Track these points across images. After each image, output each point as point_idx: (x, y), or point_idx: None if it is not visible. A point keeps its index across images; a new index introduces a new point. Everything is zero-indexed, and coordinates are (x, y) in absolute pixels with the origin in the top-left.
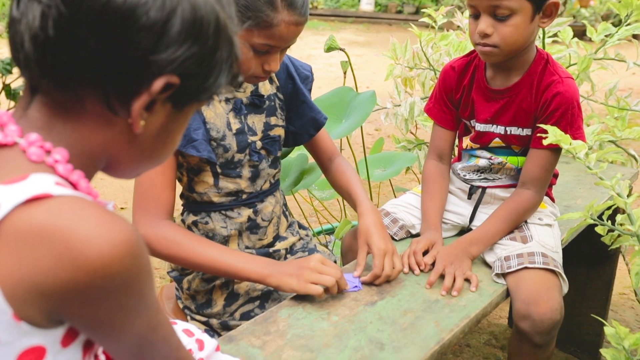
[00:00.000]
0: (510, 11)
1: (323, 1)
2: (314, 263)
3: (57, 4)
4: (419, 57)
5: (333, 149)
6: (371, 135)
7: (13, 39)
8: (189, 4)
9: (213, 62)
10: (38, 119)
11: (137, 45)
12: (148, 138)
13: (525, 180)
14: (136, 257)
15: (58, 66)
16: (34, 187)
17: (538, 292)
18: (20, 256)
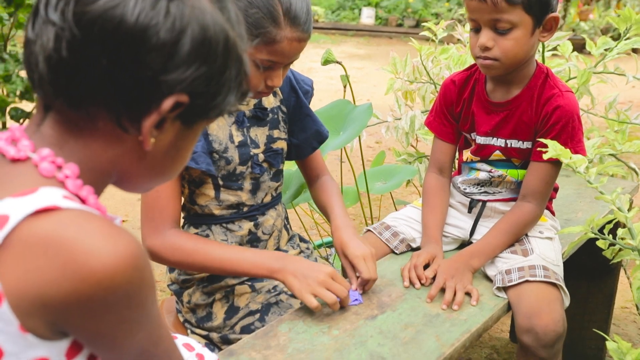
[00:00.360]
0: (510, 25)
1: (324, 14)
2: (323, 277)
3: (71, 26)
4: (419, 71)
5: (323, 166)
6: (372, 147)
7: (28, 59)
8: (199, 24)
9: (222, 81)
10: (51, 136)
11: (147, 66)
12: (158, 155)
13: (526, 193)
14: (139, 270)
15: (71, 86)
16: (42, 200)
17: (540, 305)
18: (26, 267)
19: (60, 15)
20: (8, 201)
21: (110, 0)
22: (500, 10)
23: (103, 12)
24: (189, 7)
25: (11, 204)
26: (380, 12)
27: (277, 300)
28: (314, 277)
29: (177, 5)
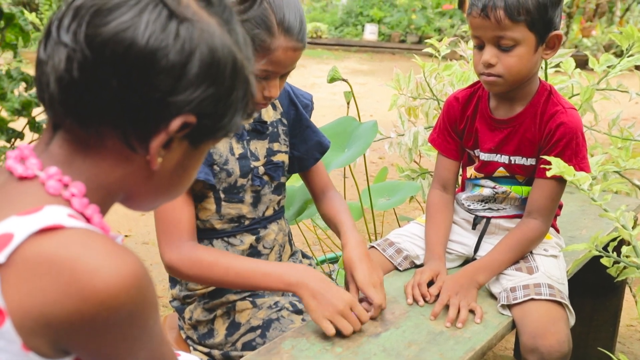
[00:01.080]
0: (514, 42)
1: (327, 31)
2: (343, 307)
3: (82, 47)
4: (422, 88)
5: (328, 181)
6: (375, 163)
7: (39, 79)
8: (207, 47)
9: (229, 102)
10: (59, 154)
11: (156, 87)
12: (165, 174)
13: (531, 210)
14: (142, 289)
15: (81, 106)
16: (47, 219)
17: (545, 324)
18: (30, 286)
19: (72, 36)
20: (13, 219)
21: (122, 23)
22: (503, 28)
23: (114, 34)
24: (198, 30)
25: (16, 222)
26: (383, 28)
27: (278, 316)
28: (334, 305)
29: (187, 28)
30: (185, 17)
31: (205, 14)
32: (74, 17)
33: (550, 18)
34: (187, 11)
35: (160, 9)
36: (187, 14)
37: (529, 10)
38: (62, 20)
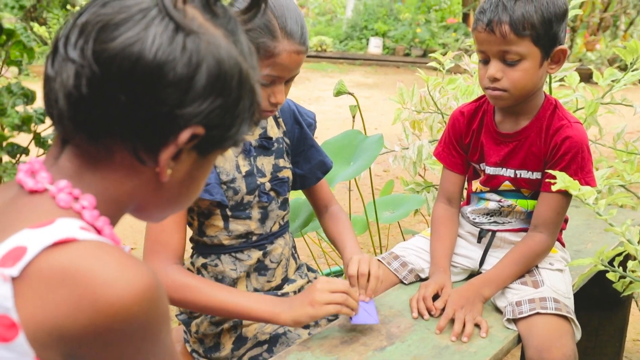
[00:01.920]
0: (519, 56)
1: (332, 44)
2: (320, 284)
3: (90, 63)
4: (426, 101)
5: (330, 196)
6: (380, 176)
7: (47, 95)
8: (214, 59)
9: (236, 112)
10: (69, 168)
11: (164, 100)
12: (174, 185)
13: (537, 223)
14: (155, 302)
15: (90, 122)
16: (59, 232)
17: (551, 339)
18: (43, 299)
19: (79, 53)
20: (25, 232)
21: (129, 38)
22: (509, 42)
23: (122, 49)
24: (205, 42)
25: (29, 235)
26: (388, 42)
27: (284, 330)
28: (313, 289)
29: (194, 40)
30: (192, 29)
31: (211, 26)
32: (80, 33)
33: (555, 33)
34: (193, 24)
35: (166, 23)
36: (193, 26)
37: (534, 25)
38: (68, 36)
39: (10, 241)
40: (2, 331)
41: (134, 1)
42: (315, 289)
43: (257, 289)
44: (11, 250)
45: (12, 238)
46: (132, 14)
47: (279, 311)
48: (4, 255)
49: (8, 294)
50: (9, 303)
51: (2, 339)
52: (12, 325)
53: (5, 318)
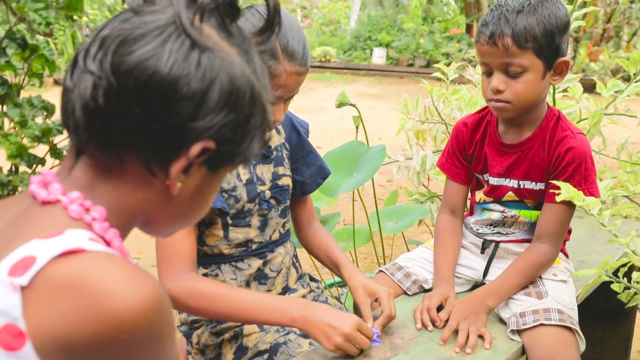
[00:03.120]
0: (522, 69)
1: (336, 54)
2: (350, 330)
3: (108, 75)
4: (430, 112)
5: (314, 212)
6: (383, 186)
7: (65, 106)
8: (227, 75)
9: (247, 128)
10: (81, 179)
11: (178, 114)
12: (184, 199)
13: (540, 234)
14: (160, 313)
15: (105, 132)
16: (68, 242)
17: (555, 350)
18: (50, 308)
19: (98, 65)
20: (35, 243)
21: (146, 52)
22: (511, 55)
23: (138, 63)
24: (219, 59)
25: (38, 245)
26: (391, 52)
27: (285, 340)
28: (340, 331)
29: (208, 57)
30: (207, 46)
31: (226, 44)
32: (100, 46)
33: (558, 44)
34: (208, 41)
35: (183, 39)
36: (208, 43)
37: (537, 37)
38: (88, 49)
39: (19, 251)
40: (10, 340)
41: (153, 18)
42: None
43: None
44: (20, 260)
45: (21, 248)
46: (150, 30)
47: (297, 317)
48: (14, 264)
49: (17, 303)
50: (17, 312)
51: (10, 348)
52: (19, 335)
53: (13, 327)
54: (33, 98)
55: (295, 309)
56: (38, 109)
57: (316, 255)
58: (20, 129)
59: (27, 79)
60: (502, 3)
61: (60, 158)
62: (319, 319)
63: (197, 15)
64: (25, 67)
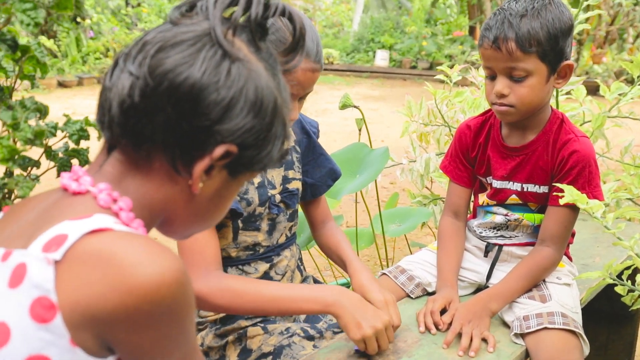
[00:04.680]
0: (526, 73)
1: (339, 57)
2: (381, 326)
3: (145, 76)
4: (433, 114)
5: (328, 212)
6: (386, 188)
7: (102, 104)
8: (254, 85)
9: (268, 137)
10: (110, 173)
11: (205, 116)
12: (203, 200)
13: (544, 237)
14: (182, 286)
15: (137, 128)
16: (97, 222)
17: (559, 353)
18: (78, 281)
19: (137, 66)
20: (66, 223)
21: (181, 58)
22: (515, 59)
23: (174, 67)
24: (247, 70)
25: (69, 225)
26: (394, 55)
27: (289, 342)
28: (373, 324)
29: (238, 67)
30: (238, 57)
31: (254, 58)
32: (140, 50)
33: (562, 48)
34: (239, 53)
35: (215, 49)
36: (239, 55)
37: (540, 41)
38: (129, 52)
39: (51, 230)
40: (42, 312)
41: (190, 28)
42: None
43: None
44: (53, 238)
45: (53, 228)
46: (187, 39)
47: (332, 302)
48: (47, 242)
49: (50, 276)
50: (50, 285)
51: (42, 319)
52: (51, 307)
53: (46, 299)
54: (25, 100)
55: (330, 294)
56: (30, 110)
57: (328, 254)
58: (12, 132)
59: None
60: (505, 7)
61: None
62: (355, 307)
63: (230, 29)
64: (17, 69)
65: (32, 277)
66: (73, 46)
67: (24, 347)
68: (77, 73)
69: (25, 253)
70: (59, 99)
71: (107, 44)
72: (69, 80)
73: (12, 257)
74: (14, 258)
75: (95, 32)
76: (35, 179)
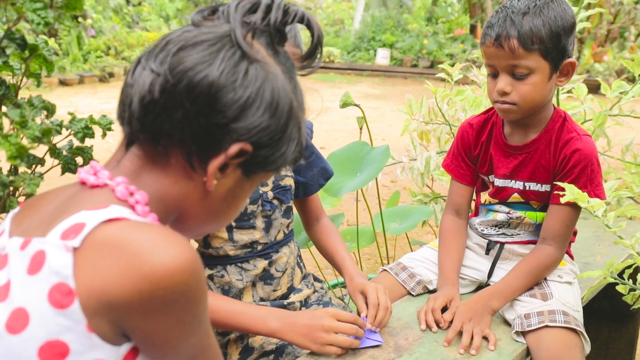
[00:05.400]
0: (528, 70)
1: (340, 55)
2: (328, 322)
3: (166, 73)
4: (434, 113)
5: (321, 208)
6: (387, 187)
7: (123, 100)
8: (271, 86)
9: (283, 137)
10: (128, 167)
11: (222, 114)
12: (217, 198)
13: (546, 236)
14: (196, 273)
15: (155, 123)
16: (113, 212)
17: (560, 352)
18: (95, 267)
19: (159, 64)
20: (83, 213)
21: (201, 57)
22: (517, 57)
23: (193, 65)
24: (265, 71)
25: (86, 214)
26: (395, 53)
27: None
28: (319, 327)
29: (256, 68)
30: (256, 59)
31: (272, 61)
32: (162, 49)
33: (564, 46)
34: (257, 55)
35: (234, 50)
36: (257, 57)
37: (543, 39)
38: (152, 51)
39: (70, 219)
40: (60, 298)
41: (212, 30)
42: (321, 327)
43: (263, 298)
44: (72, 226)
45: (71, 217)
46: (207, 39)
47: (276, 328)
48: (65, 230)
49: (69, 263)
50: (68, 271)
51: (60, 305)
52: (69, 293)
53: (64, 285)
54: (33, 98)
55: (274, 320)
56: (38, 109)
57: (323, 253)
58: (20, 130)
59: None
60: (507, 4)
61: (59, 158)
62: (299, 324)
63: (250, 32)
64: (24, 67)
65: (51, 263)
66: (74, 44)
67: (42, 332)
68: (78, 71)
69: (44, 241)
70: (60, 97)
71: (108, 43)
72: (70, 78)
73: (31, 244)
74: (32, 246)
75: (96, 31)
76: (40, 176)
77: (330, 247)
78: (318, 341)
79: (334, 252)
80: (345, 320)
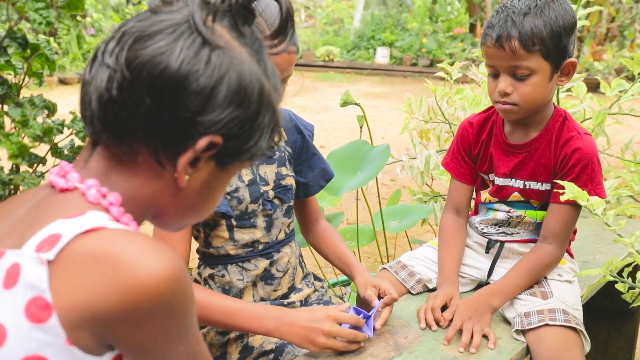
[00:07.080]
0: (529, 71)
1: (339, 54)
2: (329, 327)
3: (122, 68)
4: (434, 111)
5: (319, 210)
6: (387, 185)
7: (83, 98)
8: (236, 72)
9: (255, 126)
10: (96, 169)
11: (186, 107)
12: (191, 192)
13: (546, 234)
14: (181, 282)
15: (117, 122)
16: (90, 221)
17: (559, 350)
18: (76, 281)
19: (114, 59)
20: (59, 222)
21: (158, 48)
22: (519, 57)
23: (151, 57)
24: (229, 57)
25: (62, 224)
26: (395, 52)
27: None
28: (319, 331)
29: (218, 55)
30: (218, 45)
31: (237, 44)
32: (117, 42)
33: (565, 46)
34: (219, 40)
35: (194, 37)
36: (219, 42)
37: (544, 39)
38: (107, 44)
39: (45, 230)
40: (37, 312)
41: (168, 17)
42: (321, 330)
43: (263, 298)
44: (47, 238)
45: (46, 227)
46: (164, 28)
47: (274, 327)
48: (40, 242)
49: (44, 276)
50: (44, 284)
51: (37, 320)
52: (46, 307)
53: (41, 299)
54: (34, 97)
55: (271, 319)
56: (39, 108)
57: (325, 254)
58: (21, 129)
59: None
60: (507, 4)
61: (61, 157)
62: (297, 325)
63: (210, 15)
64: (25, 66)
65: (26, 277)
66: (74, 44)
67: (20, 347)
68: (77, 70)
69: (19, 253)
70: (60, 96)
71: None
72: (69, 77)
73: (5, 257)
74: (7, 258)
75: (96, 30)
76: (41, 175)
77: (336, 248)
78: (317, 344)
79: (341, 253)
80: (346, 322)
